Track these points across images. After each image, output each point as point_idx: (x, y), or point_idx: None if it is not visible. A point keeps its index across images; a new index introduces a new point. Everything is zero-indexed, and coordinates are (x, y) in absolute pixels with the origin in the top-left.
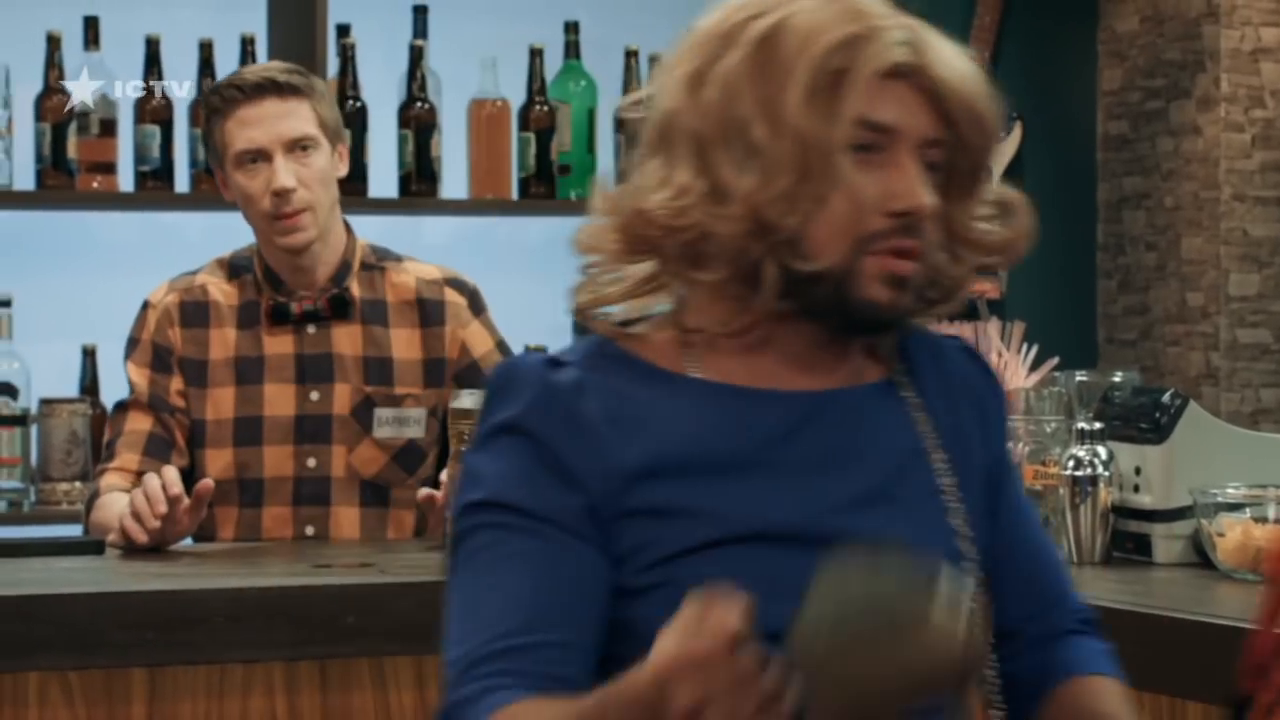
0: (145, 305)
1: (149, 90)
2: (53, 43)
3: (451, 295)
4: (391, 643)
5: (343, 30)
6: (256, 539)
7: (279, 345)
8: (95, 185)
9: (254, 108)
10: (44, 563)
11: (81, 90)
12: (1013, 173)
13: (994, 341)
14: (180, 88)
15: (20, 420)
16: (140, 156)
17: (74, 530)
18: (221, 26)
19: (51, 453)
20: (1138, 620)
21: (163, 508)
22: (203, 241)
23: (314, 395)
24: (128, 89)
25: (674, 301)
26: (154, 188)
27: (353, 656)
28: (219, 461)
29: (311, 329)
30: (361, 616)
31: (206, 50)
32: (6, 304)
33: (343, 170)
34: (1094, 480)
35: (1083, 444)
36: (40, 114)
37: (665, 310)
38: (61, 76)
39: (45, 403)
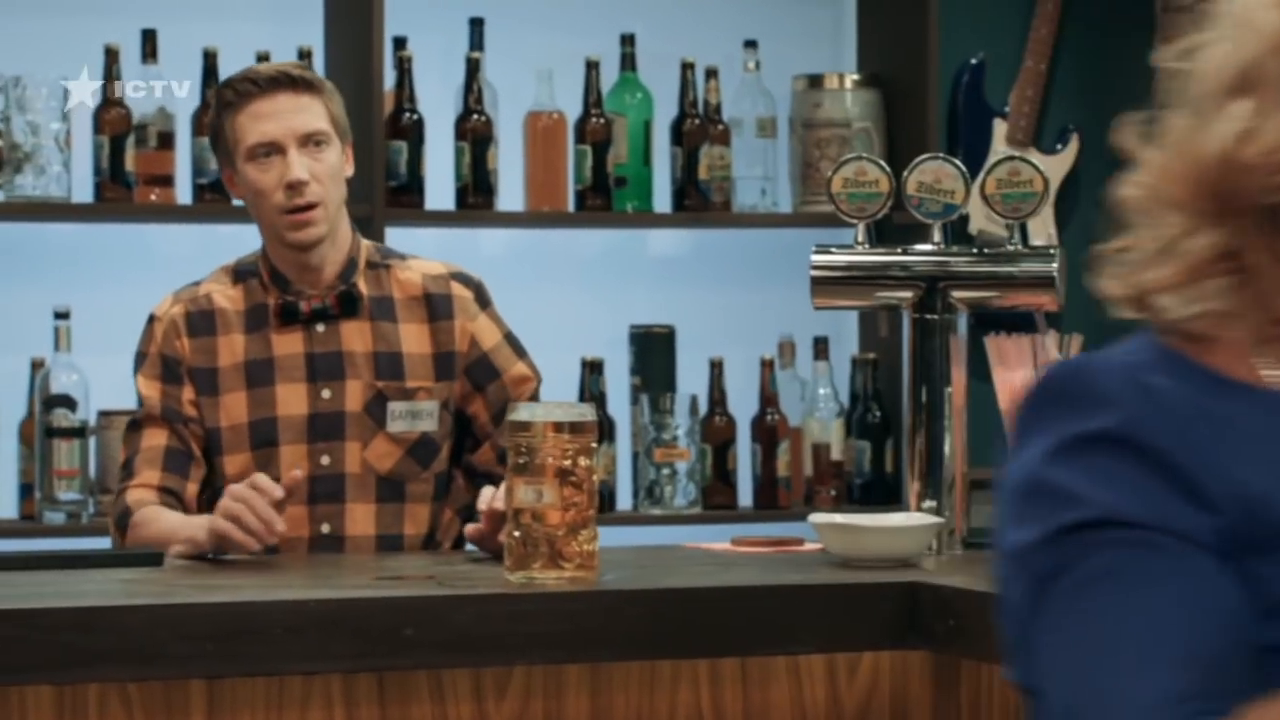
0: (151, 319)
1: (206, 102)
2: (110, 55)
3: (458, 289)
4: (449, 655)
5: (399, 43)
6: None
7: (288, 345)
8: (153, 198)
9: (268, 101)
10: (103, 574)
11: (137, 102)
12: (1069, 187)
13: (1051, 353)
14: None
15: (79, 432)
16: (198, 169)
17: None
18: (279, 39)
19: (110, 465)
20: None
21: (281, 526)
22: None
23: (326, 393)
24: (183, 92)
25: (1248, 286)
26: (212, 200)
27: (411, 669)
28: (236, 466)
29: (320, 327)
30: (420, 629)
31: (264, 62)
32: (65, 316)
33: (349, 171)
34: None
35: None
36: (98, 126)
37: (1223, 301)
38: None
39: (104, 415)
